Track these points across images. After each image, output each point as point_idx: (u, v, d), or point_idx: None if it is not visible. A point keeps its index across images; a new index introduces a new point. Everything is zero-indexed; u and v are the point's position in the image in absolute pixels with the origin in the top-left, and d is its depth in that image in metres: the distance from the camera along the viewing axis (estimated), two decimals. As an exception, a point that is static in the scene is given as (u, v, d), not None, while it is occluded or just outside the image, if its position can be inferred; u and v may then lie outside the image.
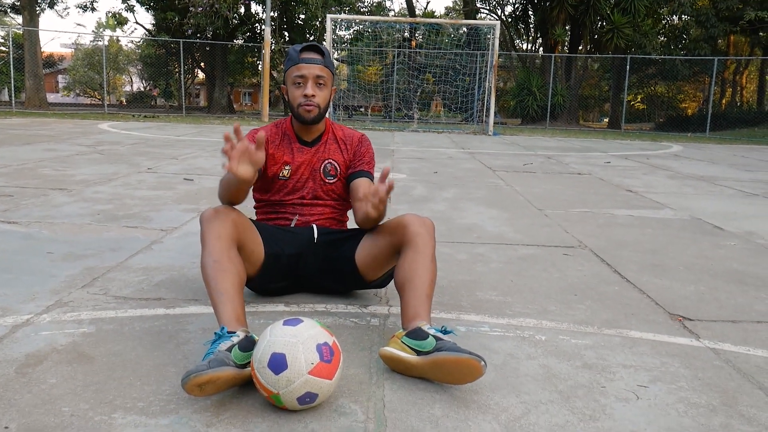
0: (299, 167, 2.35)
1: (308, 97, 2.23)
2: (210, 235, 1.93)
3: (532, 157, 9.16)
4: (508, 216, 4.29)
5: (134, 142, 9.35)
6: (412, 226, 2.04)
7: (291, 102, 2.29)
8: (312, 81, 2.23)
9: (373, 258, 2.20)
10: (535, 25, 26.88)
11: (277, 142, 2.36)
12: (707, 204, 5.17)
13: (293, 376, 1.47)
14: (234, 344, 1.62)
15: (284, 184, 2.35)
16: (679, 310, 2.42)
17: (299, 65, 2.23)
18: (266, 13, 17.57)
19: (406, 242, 2.03)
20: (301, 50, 2.25)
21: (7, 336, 1.91)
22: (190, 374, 1.47)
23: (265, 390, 1.51)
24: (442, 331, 1.73)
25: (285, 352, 1.49)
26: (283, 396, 1.49)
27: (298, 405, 1.50)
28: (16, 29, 26.10)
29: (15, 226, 3.41)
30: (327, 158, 2.38)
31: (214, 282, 1.84)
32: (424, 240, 2.02)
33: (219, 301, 1.80)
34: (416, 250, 1.99)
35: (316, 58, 2.23)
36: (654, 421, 1.55)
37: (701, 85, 30.54)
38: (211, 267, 1.87)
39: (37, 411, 1.48)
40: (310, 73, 2.22)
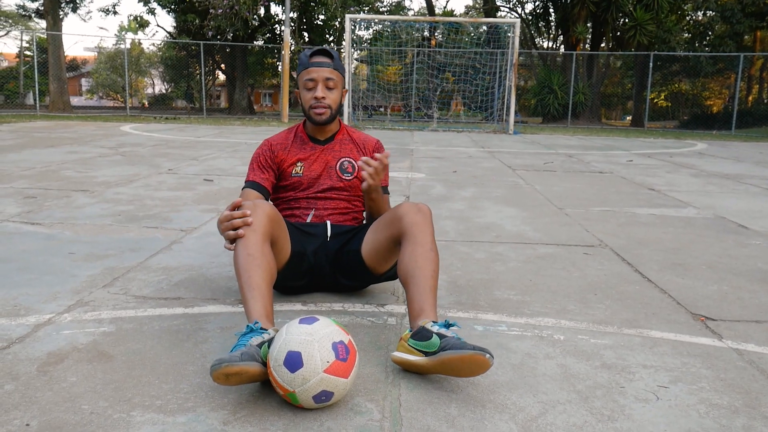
0: (312, 164, 2.41)
1: (318, 99, 2.32)
2: (245, 228, 1.94)
3: (553, 156, 9.08)
4: (527, 215, 4.26)
5: (155, 143, 9.45)
6: (407, 216, 2.04)
7: (303, 104, 2.38)
8: (322, 84, 2.32)
9: (376, 252, 2.21)
10: (556, 22, 26.68)
11: (288, 144, 2.45)
12: (732, 202, 5.09)
13: (309, 375, 1.48)
14: (265, 341, 1.63)
15: (299, 182, 2.40)
16: (701, 310, 2.38)
17: (309, 69, 2.32)
18: (285, 14, 17.67)
19: (404, 234, 2.03)
20: (311, 55, 2.33)
21: (30, 335, 1.94)
22: (223, 363, 1.48)
23: (281, 388, 1.51)
24: (446, 326, 1.72)
25: (300, 350, 1.50)
26: (299, 394, 1.49)
27: (313, 403, 1.51)
28: (40, 34, 26.54)
29: (38, 227, 3.47)
30: (344, 156, 2.44)
31: (246, 275, 1.85)
32: (420, 229, 2.01)
33: (251, 296, 1.81)
34: (414, 242, 1.98)
35: (325, 61, 2.32)
36: (674, 422, 1.53)
37: (727, 81, 30.05)
38: (244, 260, 1.88)
39: (58, 408, 1.50)
40: (319, 76, 2.30)
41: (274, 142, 2.46)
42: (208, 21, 21.51)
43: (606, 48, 24.19)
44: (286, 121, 17.92)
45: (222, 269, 2.74)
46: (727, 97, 31.66)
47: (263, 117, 22.95)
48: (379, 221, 2.20)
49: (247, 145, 9.61)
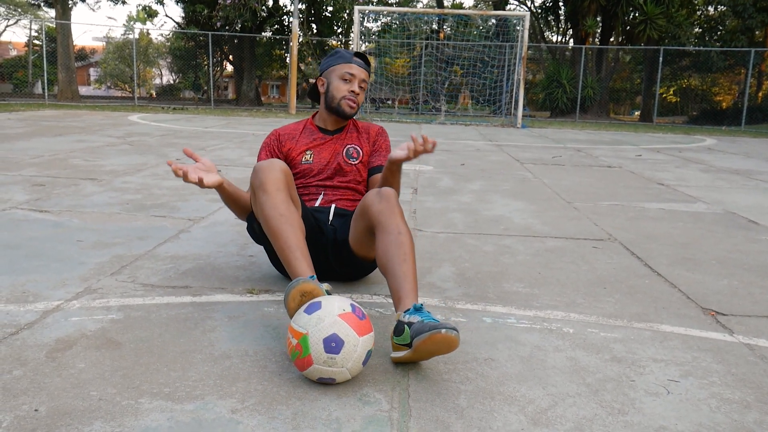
0: (321, 151, 2.50)
1: (355, 93, 2.43)
2: (271, 186, 1.95)
3: (561, 150, 9.04)
4: (535, 208, 4.24)
5: (163, 133, 9.46)
6: (372, 206, 2.05)
7: (333, 93, 2.46)
8: (358, 81, 2.44)
9: (360, 242, 2.22)
10: (566, 16, 26.52)
11: (297, 135, 2.53)
12: (741, 198, 5.05)
13: (324, 315, 1.57)
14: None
15: (309, 168, 2.47)
16: (711, 305, 2.36)
17: (351, 64, 2.44)
18: (294, 6, 17.62)
19: (374, 225, 2.04)
20: (354, 54, 2.47)
21: (38, 321, 1.94)
22: (299, 280, 1.70)
23: (295, 335, 1.57)
24: (415, 310, 1.71)
25: (322, 301, 1.63)
26: (311, 336, 1.54)
27: (323, 349, 1.53)
28: (49, 23, 26.58)
29: (46, 214, 3.47)
30: (350, 143, 2.53)
31: (284, 236, 1.90)
32: (386, 216, 2.00)
33: (294, 257, 1.87)
34: (383, 230, 1.98)
35: (365, 64, 2.48)
36: (685, 416, 1.51)
37: (737, 77, 29.79)
38: (277, 220, 1.91)
39: (66, 395, 1.50)
40: (359, 73, 2.44)
41: (282, 132, 2.53)
42: (217, 12, 21.49)
43: (615, 42, 24.03)
44: (293, 112, 17.90)
45: (229, 258, 2.74)
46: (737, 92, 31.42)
47: (271, 108, 22.95)
48: (356, 210, 2.20)
49: (255, 136, 9.61)
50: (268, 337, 1.90)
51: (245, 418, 1.42)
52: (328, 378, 1.57)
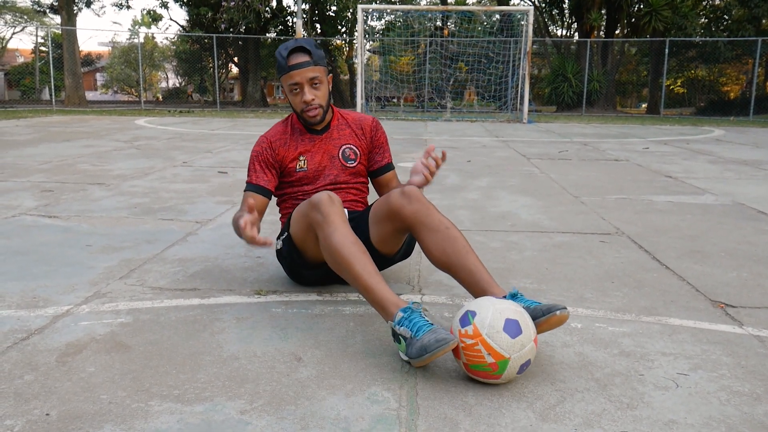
0: (314, 155, 2.36)
1: (308, 102, 2.24)
2: (337, 218, 1.93)
3: (568, 144, 9.01)
4: (542, 204, 4.23)
5: (170, 136, 9.49)
6: (404, 209, 2.06)
7: (293, 107, 2.31)
8: (307, 85, 2.23)
9: (385, 242, 2.23)
10: (570, 9, 26.40)
11: (287, 139, 2.37)
12: (750, 189, 5.02)
13: (525, 341, 1.58)
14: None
15: (305, 176, 2.36)
16: (720, 297, 2.35)
17: (290, 73, 2.20)
18: (298, 6, 17.64)
19: (412, 227, 2.06)
20: (288, 55, 2.20)
21: (48, 326, 1.96)
22: (426, 352, 1.57)
23: (494, 355, 1.55)
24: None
25: (517, 318, 1.60)
26: (513, 361, 1.56)
27: (516, 373, 1.59)
28: (55, 29, 26.73)
29: (55, 219, 3.50)
30: (344, 144, 2.40)
31: (362, 263, 1.85)
32: (425, 216, 2.04)
33: (376, 281, 1.82)
34: (428, 229, 2.02)
35: (304, 60, 2.19)
36: (695, 410, 1.51)
37: (744, 67, 29.55)
38: (351, 248, 1.87)
39: (77, 398, 1.51)
40: (303, 78, 2.20)
41: (273, 138, 2.36)
42: (221, 14, 21.53)
43: (621, 35, 23.89)
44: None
45: (237, 260, 2.75)
46: (744, 82, 31.18)
47: (276, 109, 22.98)
48: (378, 213, 2.18)
49: (261, 137, 9.62)
50: (276, 338, 1.90)
51: (254, 419, 1.43)
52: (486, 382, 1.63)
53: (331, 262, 1.93)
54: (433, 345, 1.56)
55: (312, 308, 2.16)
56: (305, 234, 2.10)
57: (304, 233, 2.10)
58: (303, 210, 2.07)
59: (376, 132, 2.47)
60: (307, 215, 2.03)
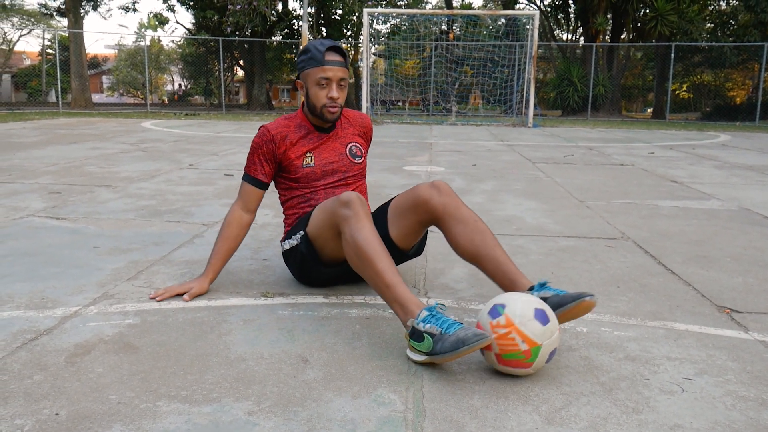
0: (321, 153, 2.39)
1: (334, 99, 2.29)
2: (366, 217, 1.95)
3: (573, 149, 9.01)
4: (548, 207, 4.24)
5: (176, 139, 9.53)
6: (432, 199, 2.13)
7: (313, 101, 2.31)
8: (336, 83, 2.28)
9: (406, 235, 2.26)
10: (576, 14, 26.40)
11: (290, 134, 2.37)
12: (756, 194, 5.01)
13: (553, 329, 1.66)
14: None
15: (312, 172, 2.37)
16: (726, 302, 2.35)
17: (324, 67, 2.25)
18: (303, 10, 17.68)
19: (439, 218, 2.13)
20: (326, 51, 2.25)
21: (57, 327, 1.98)
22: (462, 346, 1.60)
23: (528, 342, 1.62)
24: (540, 287, 1.80)
25: (543, 308, 1.69)
26: (544, 348, 1.63)
27: (545, 360, 1.66)
28: (61, 32, 26.85)
29: (63, 221, 3.52)
30: (349, 141, 2.46)
31: (386, 262, 1.87)
32: (454, 208, 2.12)
33: (398, 280, 1.85)
34: (457, 221, 2.10)
35: (339, 60, 2.27)
36: (700, 415, 1.51)
37: (750, 72, 29.49)
38: (376, 246, 1.89)
39: (86, 399, 1.52)
40: (335, 75, 2.26)
41: (275, 131, 2.35)
42: (227, 17, 21.60)
43: (626, 39, 23.88)
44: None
45: (243, 262, 2.76)
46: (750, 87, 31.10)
47: (282, 112, 23.03)
48: (400, 206, 2.24)
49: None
50: (283, 339, 1.91)
51: (262, 420, 1.44)
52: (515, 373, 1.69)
53: (353, 258, 1.93)
54: (471, 339, 1.61)
55: (318, 311, 2.17)
56: (326, 231, 2.10)
57: (325, 230, 2.11)
58: (328, 206, 2.07)
59: (371, 131, 2.58)
60: (334, 211, 2.02)
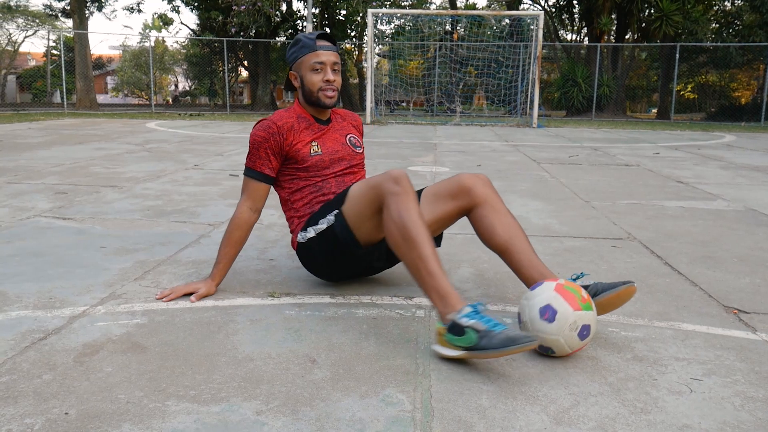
0: (326, 141, 2.39)
1: (330, 82, 2.31)
2: (414, 196, 1.93)
3: (578, 149, 9.00)
4: (553, 208, 4.23)
5: (180, 140, 9.55)
6: (476, 188, 2.21)
7: (309, 87, 2.32)
8: (330, 67, 2.30)
9: (438, 221, 2.29)
10: (580, 14, 26.36)
11: (293, 124, 2.35)
12: (762, 195, 5.00)
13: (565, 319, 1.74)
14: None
15: (321, 159, 2.35)
16: (733, 303, 2.34)
17: (317, 52, 2.28)
18: (308, 10, 17.71)
19: (478, 205, 2.20)
20: (316, 38, 2.30)
21: (65, 327, 1.98)
22: (530, 340, 1.63)
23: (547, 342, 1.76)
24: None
25: (549, 302, 1.77)
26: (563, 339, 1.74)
27: (579, 342, 1.76)
28: (66, 33, 26.94)
29: (69, 222, 3.53)
30: (347, 132, 2.49)
31: (432, 248, 1.86)
32: (494, 200, 2.21)
33: (442, 271, 1.84)
34: (495, 210, 2.19)
35: (331, 45, 2.31)
36: (708, 415, 1.51)
37: (756, 72, 29.39)
38: (423, 228, 1.87)
39: (95, 398, 1.53)
40: (328, 59, 2.29)
41: (279, 123, 2.31)
42: (231, 18, 21.65)
43: (631, 39, 23.83)
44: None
45: (250, 262, 2.77)
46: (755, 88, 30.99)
47: (286, 113, 23.04)
48: (439, 192, 2.27)
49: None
50: (290, 339, 1.92)
51: (270, 420, 1.45)
52: (547, 348, 1.78)
53: (397, 238, 1.89)
54: (522, 339, 1.63)
55: (325, 310, 2.17)
56: (366, 207, 2.07)
57: (366, 206, 2.07)
58: (374, 181, 2.03)
59: (362, 126, 2.63)
60: (381, 185, 1.98)
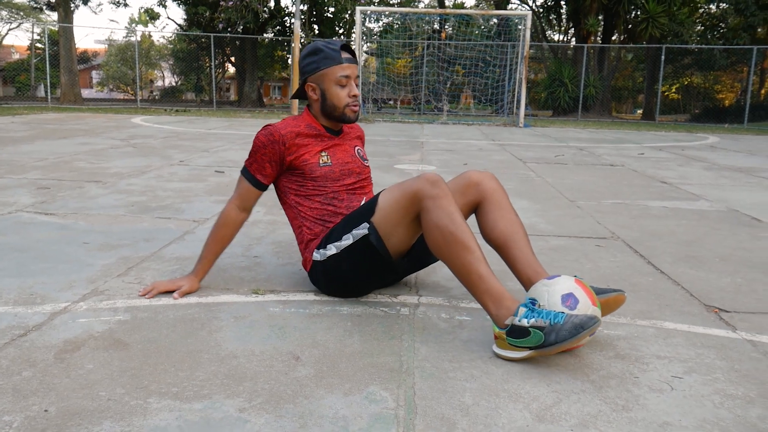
0: (335, 152, 2.32)
1: (356, 96, 2.26)
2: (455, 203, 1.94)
3: (564, 149, 9.05)
4: (539, 207, 4.25)
5: (166, 135, 9.49)
6: (483, 183, 2.20)
7: (334, 102, 2.24)
8: (354, 81, 2.26)
9: None
10: (568, 15, 26.51)
11: (301, 135, 2.27)
12: (745, 195, 5.05)
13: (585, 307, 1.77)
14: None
15: (330, 170, 2.27)
16: (714, 302, 2.37)
17: (343, 65, 2.21)
18: (296, 7, 17.65)
19: (485, 199, 2.19)
20: (341, 49, 2.22)
21: (46, 323, 1.96)
22: (595, 321, 1.66)
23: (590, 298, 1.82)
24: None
25: (571, 291, 1.80)
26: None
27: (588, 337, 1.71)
28: (51, 26, 26.66)
29: (52, 217, 3.49)
30: (355, 144, 2.45)
31: (480, 251, 1.88)
32: (501, 195, 2.20)
33: (491, 273, 1.87)
34: (500, 207, 2.17)
35: (353, 58, 2.26)
36: (689, 412, 1.52)
37: (739, 75, 29.72)
38: (468, 233, 1.89)
39: (75, 395, 1.52)
40: (353, 72, 2.24)
41: (285, 131, 2.24)
42: (219, 13, 21.53)
43: (617, 41, 24.00)
44: (296, 113, 17.93)
45: (234, 259, 2.75)
46: (739, 90, 31.34)
47: (273, 110, 22.97)
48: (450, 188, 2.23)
49: (258, 137, 9.62)
50: (274, 336, 1.91)
51: (253, 417, 1.44)
52: None
53: (441, 243, 1.89)
54: (588, 322, 1.66)
55: (310, 308, 2.17)
56: (399, 215, 2.02)
57: (399, 214, 2.01)
58: (410, 186, 1.98)
59: (364, 137, 2.57)
60: (418, 191, 1.95)
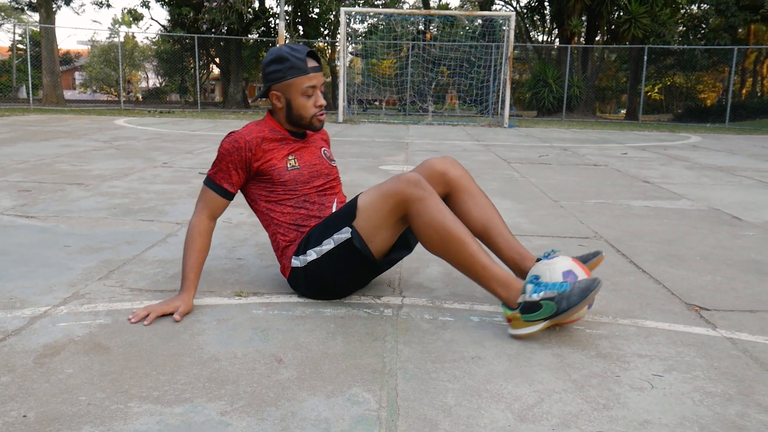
0: (302, 155, 2.28)
1: (322, 106, 2.23)
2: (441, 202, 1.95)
3: (548, 149, 9.10)
4: (522, 207, 4.27)
5: (150, 137, 9.42)
6: (449, 171, 2.19)
7: (300, 112, 2.21)
8: (320, 89, 2.22)
9: None
10: (551, 15, 26.66)
11: (267, 140, 2.23)
12: (725, 194, 5.11)
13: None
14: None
15: (299, 173, 2.23)
16: (695, 300, 2.39)
17: (310, 75, 2.17)
18: (280, 8, 17.59)
19: (455, 189, 2.18)
20: (306, 57, 2.17)
21: (26, 327, 1.94)
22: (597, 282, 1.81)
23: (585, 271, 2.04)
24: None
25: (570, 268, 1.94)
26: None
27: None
28: (33, 27, 26.37)
29: (33, 220, 3.46)
30: (320, 146, 2.40)
31: (477, 243, 1.95)
32: (468, 182, 2.18)
33: (492, 261, 1.95)
34: (471, 194, 2.18)
35: (318, 66, 2.20)
36: (669, 410, 1.54)
37: (721, 75, 30.07)
38: (461, 227, 1.93)
39: (55, 400, 1.50)
40: (318, 82, 2.20)
41: (249, 137, 2.18)
42: (203, 14, 21.41)
43: (601, 41, 24.17)
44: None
45: (217, 261, 2.74)
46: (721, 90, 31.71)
47: (257, 111, 22.88)
48: None
49: (242, 138, 9.57)
50: (257, 339, 1.90)
51: (235, 420, 1.43)
52: None
53: (437, 241, 1.93)
54: (593, 284, 1.78)
55: (293, 310, 2.16)
56: (383, 217, 2.00)
57: (383, 216, 2.00)
58: (391, 188, 1.97)
59: (329, 139, 2.53)
60: (400, 193, 1.94)
